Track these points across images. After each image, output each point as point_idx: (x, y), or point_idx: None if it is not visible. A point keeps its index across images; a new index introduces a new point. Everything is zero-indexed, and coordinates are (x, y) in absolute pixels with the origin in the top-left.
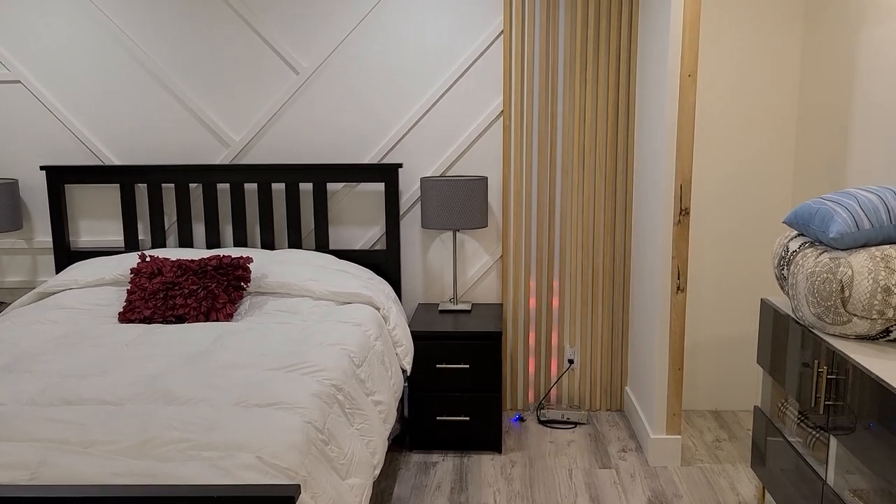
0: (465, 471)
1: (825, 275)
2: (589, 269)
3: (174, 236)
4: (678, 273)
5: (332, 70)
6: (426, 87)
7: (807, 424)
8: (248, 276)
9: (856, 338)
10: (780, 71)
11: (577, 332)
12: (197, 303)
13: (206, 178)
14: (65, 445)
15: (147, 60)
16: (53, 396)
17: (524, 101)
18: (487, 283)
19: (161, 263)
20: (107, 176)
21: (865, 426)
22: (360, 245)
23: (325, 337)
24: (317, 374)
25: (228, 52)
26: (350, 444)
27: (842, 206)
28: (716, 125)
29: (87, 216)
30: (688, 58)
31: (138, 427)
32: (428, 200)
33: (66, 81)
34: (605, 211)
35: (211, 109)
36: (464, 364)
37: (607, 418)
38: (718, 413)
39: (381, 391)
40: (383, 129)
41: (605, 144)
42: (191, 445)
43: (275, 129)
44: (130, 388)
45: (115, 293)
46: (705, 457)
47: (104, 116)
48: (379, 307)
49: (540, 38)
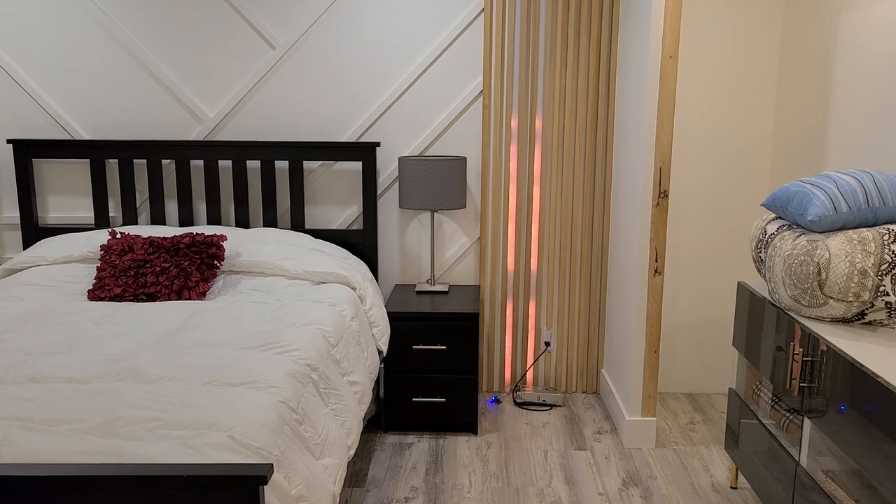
0: (441, 452)
1: (802, 257)
2: (567, 251)
3: (146, 214)
4: (656, 256)
5: (310, 46)
6: (405, 65)
7: (780, 406)
8: (221, 255)
9: (831, 320)
10: (761, 54)
11: (554, 314)
12: (169, 281)
13: (179, 154)
14: (29, 423)
15: (119, 33)
16: (18, 374)
17: (504, 82)
18: (465, 264)
19: (132, 240)
20: (76, 151)
21: (838, 408)
22: (337, 225)
23: (300, 316)
24: (291, 353)
25: (203, 26)
26: (324, 424)
27: (820, 189)
28: (695, 108)
29: (56, 192)
30: (669, 39)
31: (106, 405)
32: (406, 180)
33: (35, 54)
34: (583, 193)
35: (185, 84)
36: (440, 345)
37: (583, 400)
38: (693, 395)
39: (356, 371)
40: (361, 108)
41: (585, 126)
42: (160, 424)
43: (250, 105)
44: (98, 366)
45: (85, 270)
46: (679, 439)
47: (74, 90)
48: (355, 287)
49: (521, 18)
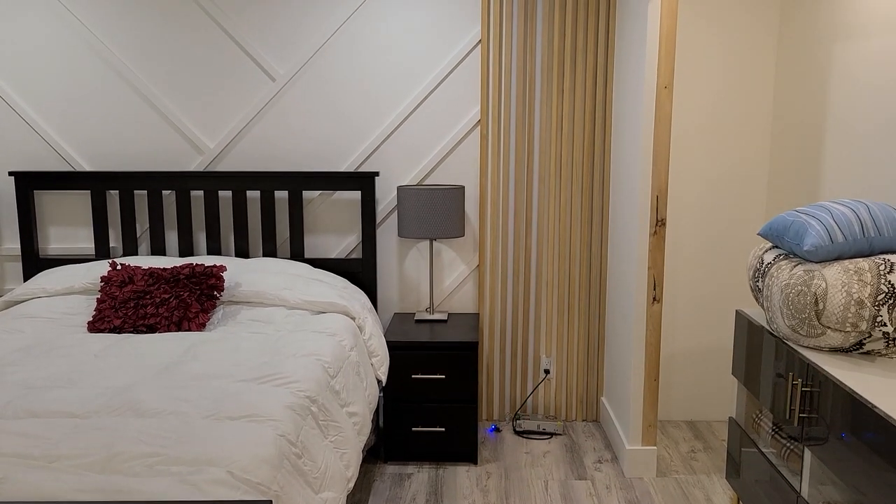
0: (441, 482)
1: (799, 287)
2: (565, 279)
3: (146, 244)
4: (654, 284)
5: (309, 77)
6: (403, 95)
7: (781, 436)
8: (221, 285)
9: (829, 350)
10: (755, 84)
11: (554, 342)
12: (168, 312)
13: (179, 184)
14: (29, 460)
15: (120, 65)
16: (19, 408)
17: (501, 111)
18: (464, 292)
19: (132, 272)
20: (78, 182)
21: (838, 438)
22: (336, 254)
23: (300, 347)
24: (290, 385)
25: (204, 58)
26: (324, 457)
27: (816, 219)
28: (691, 137)
29: (56, 223)
30: (664, 70)
31: (105, 441)
32: (405, 209)
33: (37, 86)
34: (581, 221)
35: (185, 115)
36: (440, 374)
37: (583, 429)
38: (693, 423)
39: (356, 402)
40: (360, 137)
41: (582, 155)
42: (159, 460)
43: (250, 135)
44: (98, 399)
45: (85, 302)
46: (681, 467)
47: (76, 122)
48: (354, 317)
49: (517, 48)
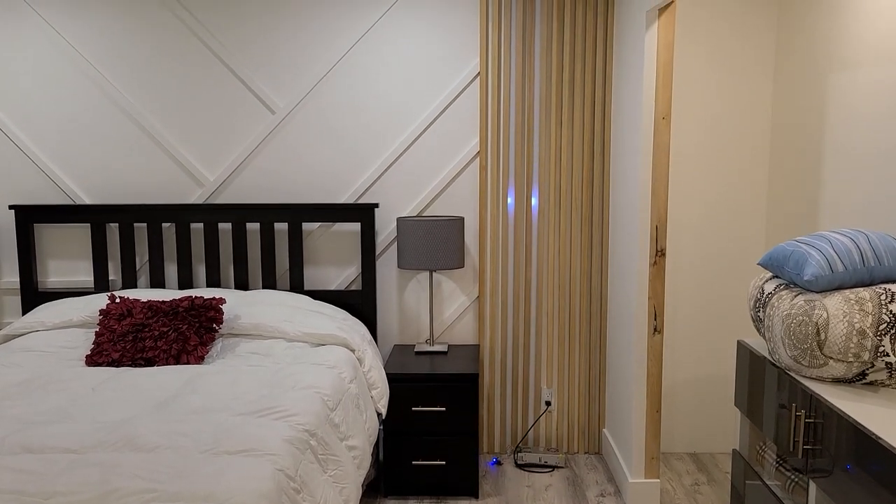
0: None
1: (801, 317)
2: (566, 310)
3: (146, 276)
4: (655, 314)
5: (309, 110)
6: (403, 127)
7: (785, 468)
8: (220, 318)
9: (832, 380)
10: (753, 114)
11: (555, 373)
12: (167, 345)
13: (179, 217)
14: (23, 497)
15: (120, 98)
16: (14, 444)
17: (501, 142)
18: (464, 323)
19: (131, 305)
20: (77, 215)
21: (843, 470)
22: (336, 285)
23: (299, 380)
24: (289, 418)
25: (204, 91)
26: (323, 492)
27: (816, 249)
28: (690, 167)
29: (56, 256)
30: (661, 101)
31: (102, 477)
32: (404, 240)
33: (37, 119)
34: (581, 252)
35: (185, 148)
36: (440, 406)
37: (585, 461)
38: (697, 455)
39: (355, 435)
40: (360, 169)
41: (581, 186)
42: (156, 496)
43: (250, 168)
44: (95, 434)
45: (83, 335)
46: (684, 500)
47: (76, 155)
48: (354, 349)
49: (516, 80)
